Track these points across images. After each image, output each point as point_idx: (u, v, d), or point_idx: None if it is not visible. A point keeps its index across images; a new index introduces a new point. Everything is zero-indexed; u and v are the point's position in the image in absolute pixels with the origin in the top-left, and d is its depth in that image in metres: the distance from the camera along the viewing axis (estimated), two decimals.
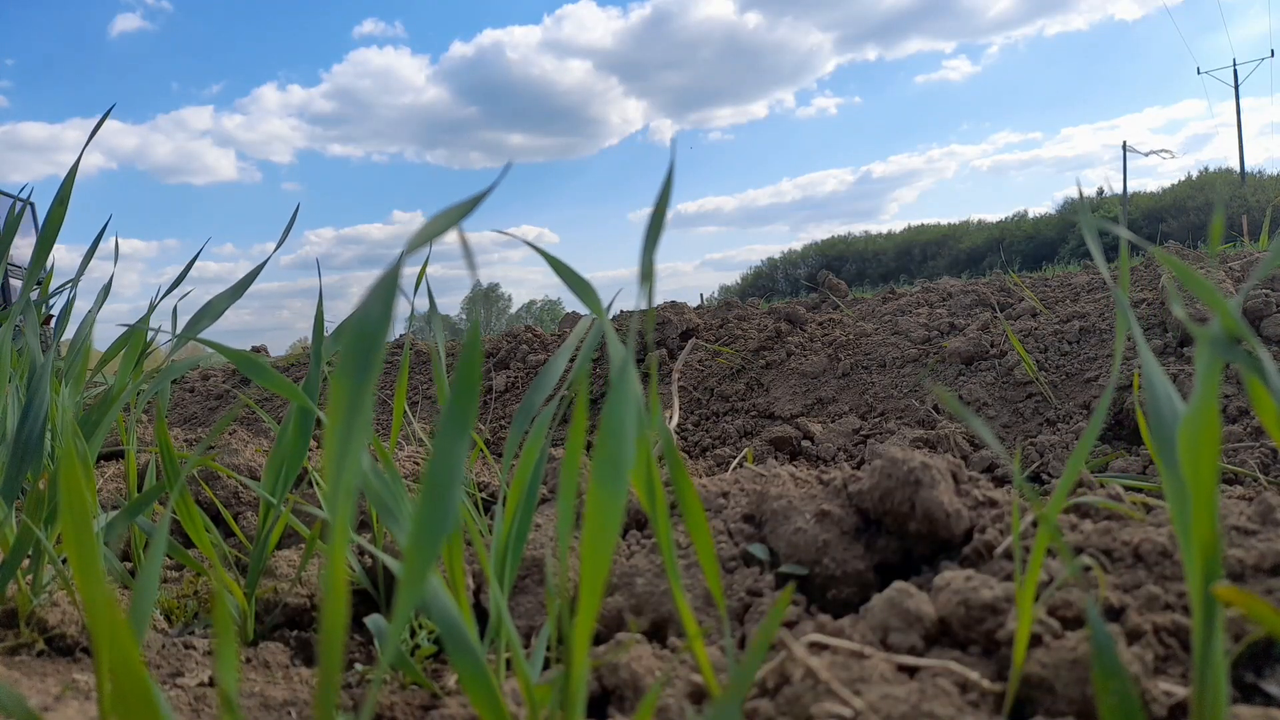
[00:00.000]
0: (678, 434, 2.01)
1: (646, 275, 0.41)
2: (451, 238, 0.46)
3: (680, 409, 2.13)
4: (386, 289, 0.35)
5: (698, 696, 0.55)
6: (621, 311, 3.46)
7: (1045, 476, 1.50)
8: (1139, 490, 1.00)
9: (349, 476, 0.33)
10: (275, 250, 1.06)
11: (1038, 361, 1.86)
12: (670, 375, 2.19)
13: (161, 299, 1.11)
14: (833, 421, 1.94)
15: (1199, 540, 0.37)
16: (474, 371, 0.37)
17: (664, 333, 2.45)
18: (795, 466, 1.09)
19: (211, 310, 0.90)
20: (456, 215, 0.37)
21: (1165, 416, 0.42)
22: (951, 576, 0.61)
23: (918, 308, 2.29)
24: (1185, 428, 0.36)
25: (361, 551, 0.86)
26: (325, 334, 0.86)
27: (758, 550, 0.75)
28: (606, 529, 0.40)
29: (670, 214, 0.46)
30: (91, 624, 0.40)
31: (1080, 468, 0.45)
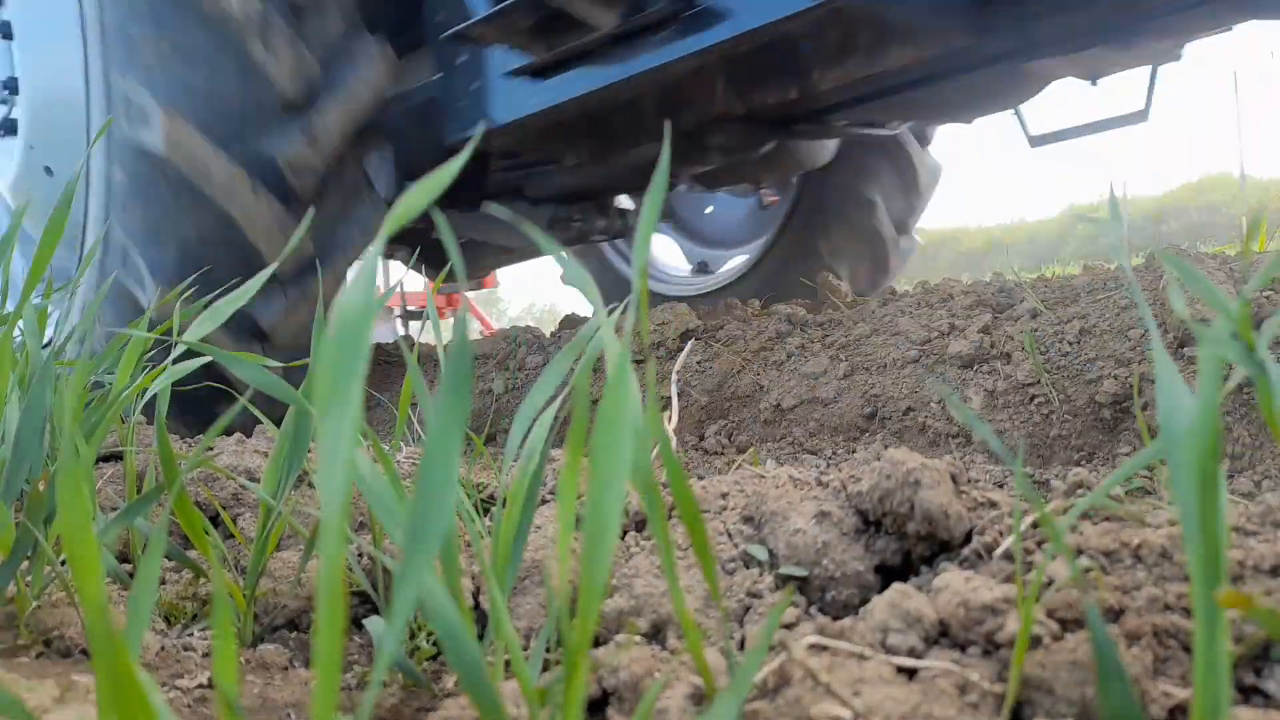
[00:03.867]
0: (677, 435, 2.01)
1: (641, 272, 0.41)
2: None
3: (679, 410, 2.13)
4: (367, 276, 0.34)
5: (698, 698, 0.54)
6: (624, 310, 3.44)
7: (1047, 478, 1.50)
8: (1143, 491, 1.00)
9: (340, 472, 0.33)
10: (278, 260, 1.06)
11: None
12: (669, 376, 2.19)
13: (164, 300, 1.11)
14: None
15: (1202, 541, 0.36)
16: (464, 366, 0.37)
17: (663, 333, 2.45)
18: (795, 468, 1.09)
19: (215, 314, 0.91)
20: (432, 188, 0.37)
21: (1175, 416, 0.42)
22: (951, 578, 0.61)
23: (917, 309, 2.29)
24: (1188, 428, 0.36)
25: (361, 553, 0.86)
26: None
27: (757, 551, 0.74)
28: (605, 530, 0.40)
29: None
30: (90, 626, 0.40)
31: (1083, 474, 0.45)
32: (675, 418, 1.95)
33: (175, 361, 0.86)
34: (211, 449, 1.18)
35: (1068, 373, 1.78)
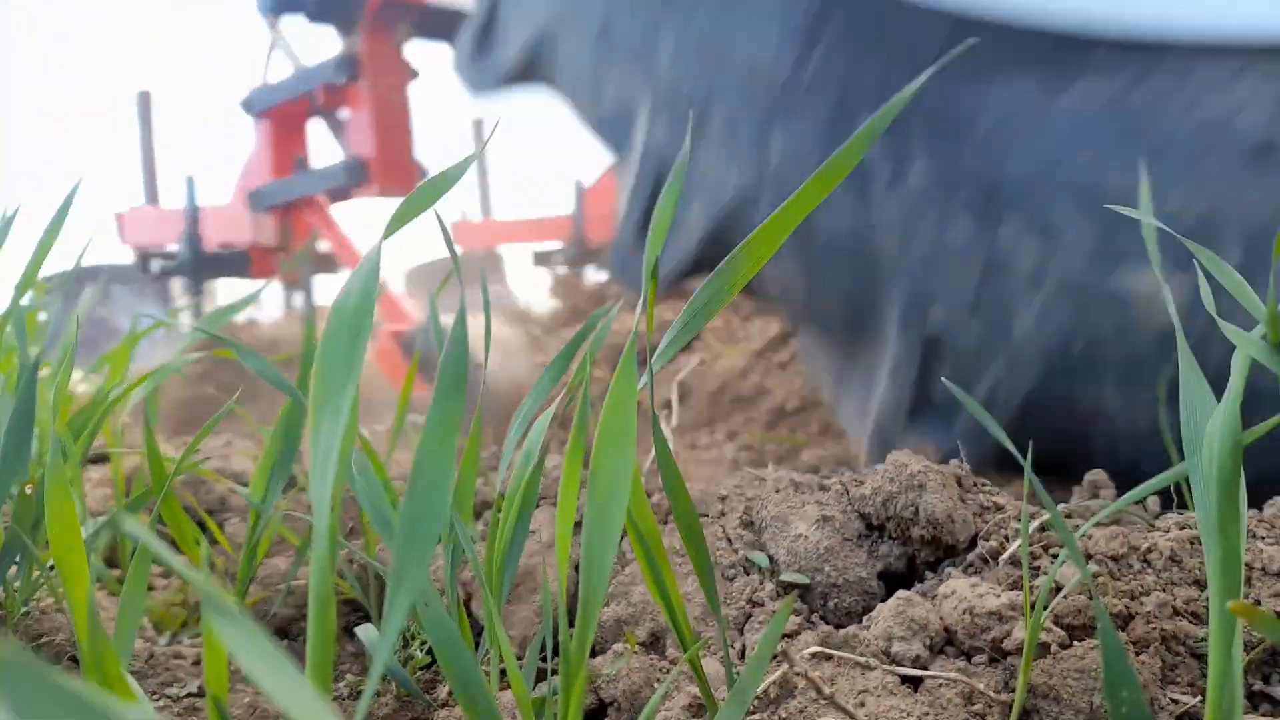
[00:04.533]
0: (677, 436, 2.01)
1: (651, 275, 0.40)
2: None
3: (680, 411, 2.12)
4: (367, 272, 0.34)
5: (697, 709, 0.53)
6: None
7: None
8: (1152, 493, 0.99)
9: (332, 475, 0.32)
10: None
11: None
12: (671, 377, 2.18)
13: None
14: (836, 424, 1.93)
15: (1221, 549, 0.36)
16: (461, 365, 0.36)
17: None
18: (796, 471, 1.08)
19: (212, 323, 0.92)
20: (434, 192, 0.36)
21: (1197, 420, 0.40)
22: (956, 584, 0.60)
23: None
24: (1210, 431, 0.35)
25: (353, 560, 0.85)
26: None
27: (758, 558, 0.73)
28: (606, 536, 0.39)
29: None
30: (80, 633, 0.39)
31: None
32: (676, 418, 1.94)
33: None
34: (199, 450, 1.17)
35: None
